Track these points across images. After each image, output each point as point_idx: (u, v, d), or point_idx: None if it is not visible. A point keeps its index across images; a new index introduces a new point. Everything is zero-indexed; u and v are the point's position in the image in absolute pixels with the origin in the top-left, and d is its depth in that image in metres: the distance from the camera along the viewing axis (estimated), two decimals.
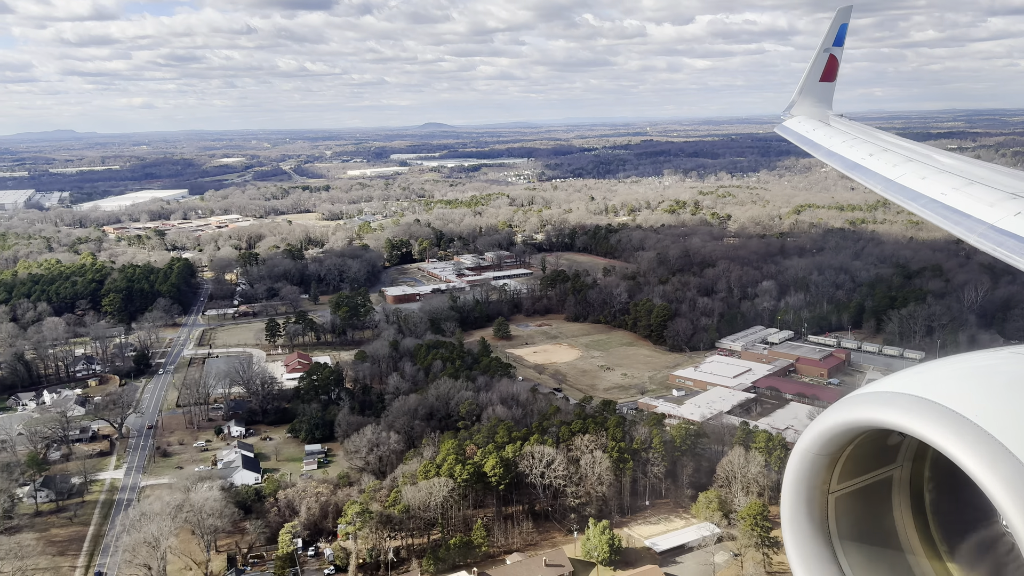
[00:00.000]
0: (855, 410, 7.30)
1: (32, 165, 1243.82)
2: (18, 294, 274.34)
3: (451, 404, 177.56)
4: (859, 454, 8.04)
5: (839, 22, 45.93)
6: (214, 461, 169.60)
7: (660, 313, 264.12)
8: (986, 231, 19.52)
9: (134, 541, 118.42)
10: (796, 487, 8.05)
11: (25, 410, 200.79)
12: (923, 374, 7.37)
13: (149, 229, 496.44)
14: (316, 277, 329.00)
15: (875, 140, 34.05)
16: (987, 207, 20.63)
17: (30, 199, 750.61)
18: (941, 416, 6.67)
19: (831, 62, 47.42)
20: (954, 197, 22.50)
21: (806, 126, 42.50)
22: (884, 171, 28.79)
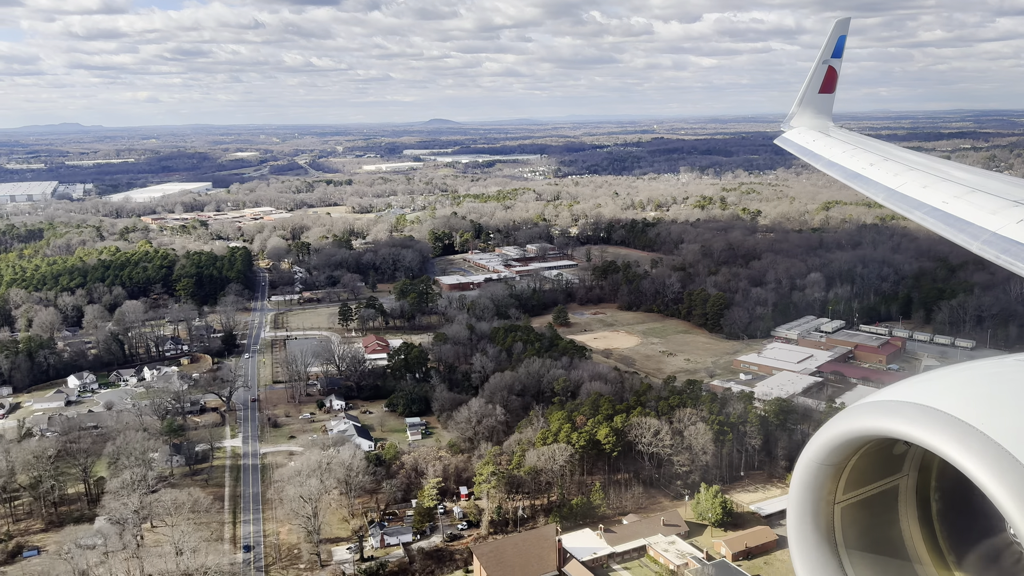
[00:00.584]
0: (860, 420, 7.28)
1: (47, 158, 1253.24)
2: (92, 279, 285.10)
3: (543, 381, 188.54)
4: (865, 464, 8.01)
5: (837, 33, 46.25)
6: (325, 430, 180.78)
7: (716, 302, 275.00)
8: (989, 239, 19.61)
9: (294, 494, 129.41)
10: (802, 497, 8.05)
11: (127, 385, 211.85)
12: (927, 383, 7.38)
13: (192, 219, 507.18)
14: (371, 266, 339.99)
15: (875, 150, 34.15)
16: (989, 215, 20.71)
17: (56, 190, 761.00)
18: (946, 425, 6.62)
19: (830, 74, 47.83)
20: (956, 205, 22.63)
21: (806, 137, 43.13)
22: (885, 180, 28.99)
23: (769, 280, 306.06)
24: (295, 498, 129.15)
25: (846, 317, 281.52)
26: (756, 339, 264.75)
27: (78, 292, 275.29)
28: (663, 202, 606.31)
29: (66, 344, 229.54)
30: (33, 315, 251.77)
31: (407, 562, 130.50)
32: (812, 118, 47.28)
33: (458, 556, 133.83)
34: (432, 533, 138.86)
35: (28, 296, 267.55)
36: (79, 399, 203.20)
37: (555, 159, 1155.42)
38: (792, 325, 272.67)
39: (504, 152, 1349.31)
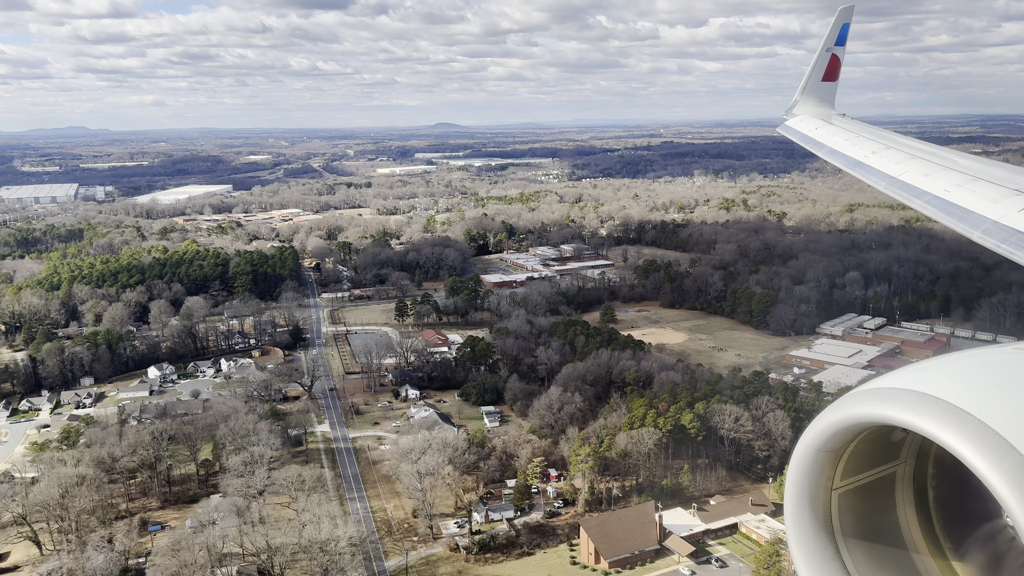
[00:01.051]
0: (859, 406, 7.34)
1: (61, 160, 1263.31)
2: (151, 276, 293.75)
3: (613, 372, 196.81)
4: (862, 450, 8.06)
5: (841, 21, 46.13)
6: (406, 417, 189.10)
7: (761, 300, 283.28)
8: (990, 227, 19.59)
9: (409, 471, 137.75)
10: (799, 483, 8.12)
11: (205, 376, 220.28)
12: (926, 370, 7.44)
13: (227, 220, 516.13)
14: (415, 265, 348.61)
15: (878, 138, 34.32)
16: (991, 203, 20.70)
17: (78, 193, 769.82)
18: (944, 412, 6.71)
19: (833, 62, 47.56)
20: (957, 194, 22.64)
21: (808, 125, 43.13)
22: (887, 168, 28.99)
23: (809, 279, 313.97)
24: (411, 474, 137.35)
25: (886, 314, 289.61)
26: (802, 335, 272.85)
27: (138, 288, 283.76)
28: (685, 204, 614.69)
29: (142, 337, 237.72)
30: (100, 310, 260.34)
31: (513, 536, 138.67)
32: (815, 106, 47.07)
33: (560, 531, 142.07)
34: (531, 510, 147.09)
35: (92, 292, 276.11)
36: (161, 389, 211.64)
37: (567, 162, 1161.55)
38: (836, 322, 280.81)
39: (515, 156, 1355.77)
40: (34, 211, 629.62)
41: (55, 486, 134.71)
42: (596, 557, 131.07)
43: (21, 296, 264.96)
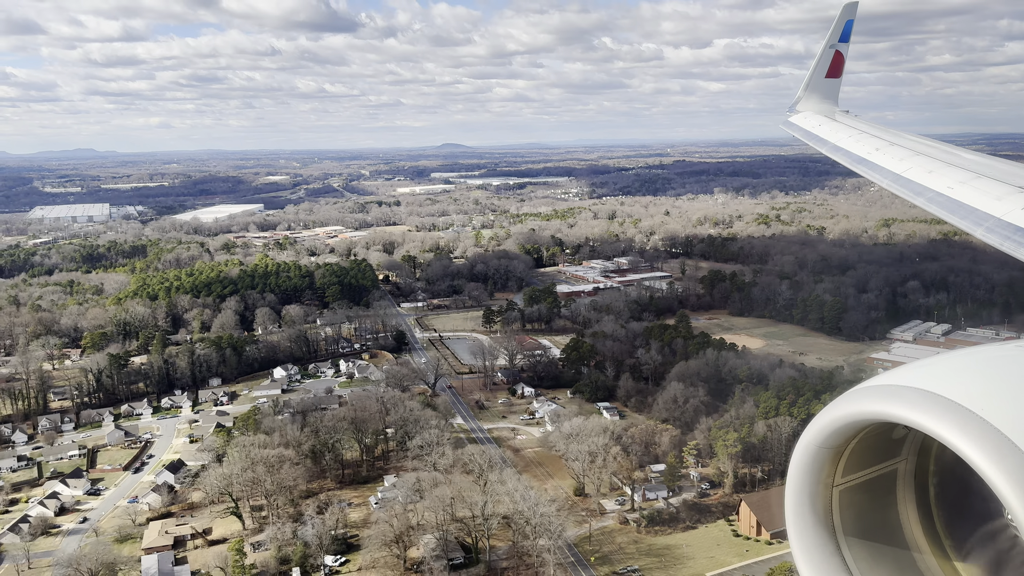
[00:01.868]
0: (860, 403, 7.43)
1: (80, 182, 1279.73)
2: (243, 287, 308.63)
3: (722, 370, 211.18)
4: (864, 447, 8.14)
5: (845, 17, 46.07)
6: (531, 411, 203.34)
7: (832, 307, 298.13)
8: (993, 225, 19.74)
9: (578, 451, 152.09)
10: (800, 480, 8.19)
11: (326, 377, 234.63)
12: (928, 367, 7.51)
13: (286, 237, 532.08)
14: (483, 276, 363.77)
15: (881, 135, 34.33)
16: (995, 200, 20.81)
17: (112, 212, 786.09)
18: (946, 409, 6.75)
19: (837, 58, 47.49)
20: (961, 191, 22.65)
21: (812, 122, 43.24)
22: (891, 165, 29.10)
23: (872, 287, 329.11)
24: (581, 453, 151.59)
25: (949, 321, 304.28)
26: (875, 340, 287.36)
27: (234, 298, 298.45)
28: (720, 220, 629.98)
29: (261, 341, 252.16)
30: (205, 319, 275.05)
31: (673, 512, 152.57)
32: (818, 103, 47.27)
33: (713, 508, 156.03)
34: (682, 491, 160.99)
35: (192, 301, 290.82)
36: (290, 387, 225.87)
37: (584, 181, 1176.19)
38: (904, 328, 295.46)
39: (529, 175, 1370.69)
40: (76, 230, 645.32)
41: (257, 466, 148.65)
42: (758, 529, 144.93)
43: (127, 306, 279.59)
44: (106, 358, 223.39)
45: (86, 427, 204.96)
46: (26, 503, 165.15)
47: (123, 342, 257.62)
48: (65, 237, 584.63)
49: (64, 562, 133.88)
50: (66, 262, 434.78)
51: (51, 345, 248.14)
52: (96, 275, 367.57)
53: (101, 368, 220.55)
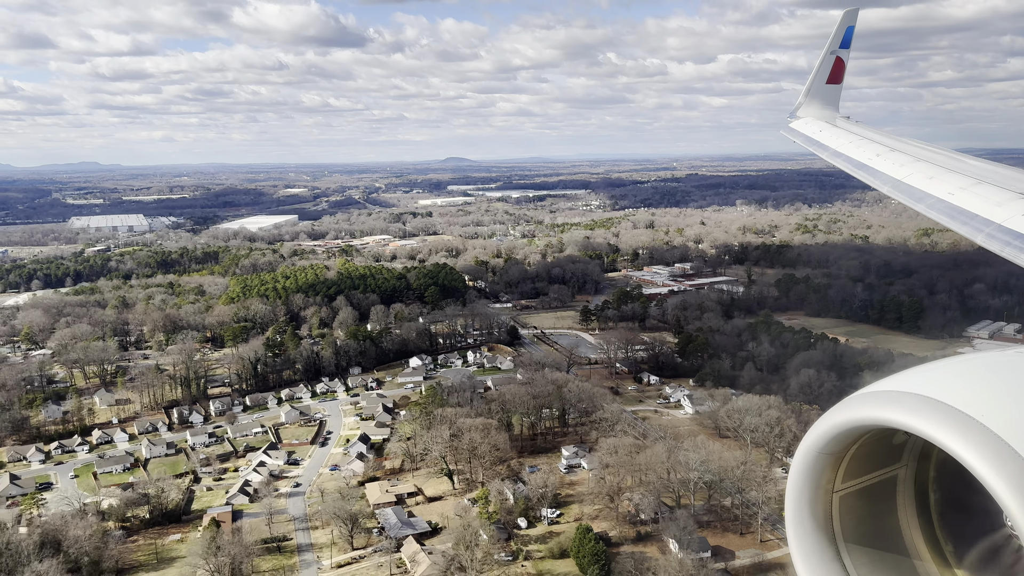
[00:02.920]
0: (860, 409, 7.49)
1: (100, 194, 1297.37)
2: (346, 287, 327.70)
3: (841, 360, 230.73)
4: (864, 453, 8.23)
5: (846, 24, 46.50)
6: (665, 396, 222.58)
7: (910, 307, 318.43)
8: (994, 231, 19.97)
9: (753, 424, 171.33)
10: (800, 485, 8.30)
11: (456, 366, 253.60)
12: (928, 373, 7.59)
13: (345, 244, 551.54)
14: (560, 279, 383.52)
15: (882, 141, 34.73)
16: (995, 206, 21.16)
17: (150, 223, 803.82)
18: (946, 415, 6.80)
19: (838, 64, 48.04)
20: (961, 197, 23.08)
21: (813, 127, 43.55)
22: (891, 171, 29.63)
23: (939, 289, 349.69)
24: (759, 426, 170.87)
25: (1020, 320, 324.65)
26: (953, 338, 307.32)
27: (339, 298, 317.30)
28: (760, 229, 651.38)
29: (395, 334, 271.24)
30: (323, 315, 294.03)
31: None
32: (819, 109, 47.83)
33: None
34: None
35: (305, 300, 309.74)
36: (429, 375, 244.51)
37: (604, 193, 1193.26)
38: (978, 327, 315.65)
39: (545, 187, 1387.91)
40: (126, 238, 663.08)
41: (468, 433, 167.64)
42: None
43: (248, 304, 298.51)
44: (262, 347, 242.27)
45: (253, 409, 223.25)
46: (235, 471, 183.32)
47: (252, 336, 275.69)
48: (118, 245, 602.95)
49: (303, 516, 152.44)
50: (141, 267, 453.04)
51: (192, 338, 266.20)
52: (196, 277, 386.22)
53: (258, 356, 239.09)
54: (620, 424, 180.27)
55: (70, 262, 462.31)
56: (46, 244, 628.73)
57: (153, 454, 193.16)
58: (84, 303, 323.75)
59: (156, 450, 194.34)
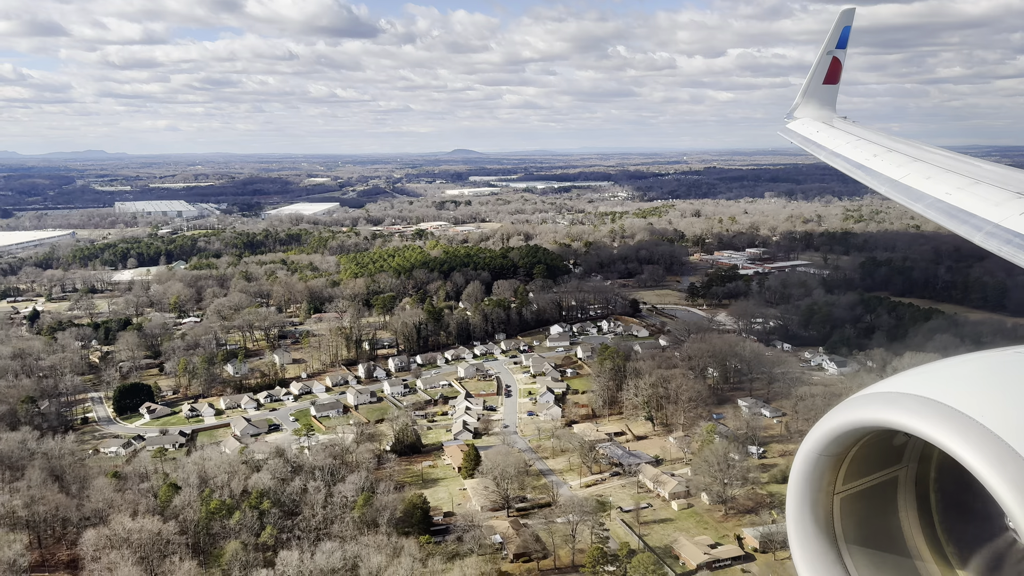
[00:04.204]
0: (860, 411, 7.62)
1: (126, 182, 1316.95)
2: (457, 265, 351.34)
3: (963, 329, 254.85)
4: (864, 455, 8.36)
5: (842, 24, 47.35)
6: (804, 360, 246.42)
7: (995, 287, 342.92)
8: (992, 230, 20.57)
9: None
10: (801, 487, 8.42)
11: (593, 333, 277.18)
12: (928, 374, 7.72)
13: (415, 229, 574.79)
14: (648, 260, 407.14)
15: (879, 141, 35.66)
16: (993, 206, 21.65)
17: (200, 210, 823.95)
18: (946, 416, 6.91)
19: (834, 64, 48.77)
20: (959, 196, 23.57)
21: (810, 128, 44.60)
22: (888, 171, 30.24)
23: (1017, 272, 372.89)
24: None
25: None
26: None
27: (453, 274, 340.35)
28: (808, 218, 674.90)
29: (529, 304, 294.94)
30: (448, 288, 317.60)
31: None
32: (816, 109, 48.42)
33: None
34: None
35: (427, 275, 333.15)
36: (574, 341, 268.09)
37: (628, 186, 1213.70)
38: None
39: (566, 179, 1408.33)
40: (181, 222, 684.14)
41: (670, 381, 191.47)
42: None
43: (377, 278, 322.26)
44: (424, 313, 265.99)
45: (426, 367, 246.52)
46: (443, 415, 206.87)
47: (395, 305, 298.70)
48: (182, 228, 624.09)
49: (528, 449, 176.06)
50: (228, 247, 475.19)
51: (338, 308, 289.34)
52: (307, 256, 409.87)
53: (421, 321, 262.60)
54: (789, 378, 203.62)
55: (160, 242, 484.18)
56: (106, 227, 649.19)
57: (359, 401, 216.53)
58: (207, 277, 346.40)
59: (361, 398, 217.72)
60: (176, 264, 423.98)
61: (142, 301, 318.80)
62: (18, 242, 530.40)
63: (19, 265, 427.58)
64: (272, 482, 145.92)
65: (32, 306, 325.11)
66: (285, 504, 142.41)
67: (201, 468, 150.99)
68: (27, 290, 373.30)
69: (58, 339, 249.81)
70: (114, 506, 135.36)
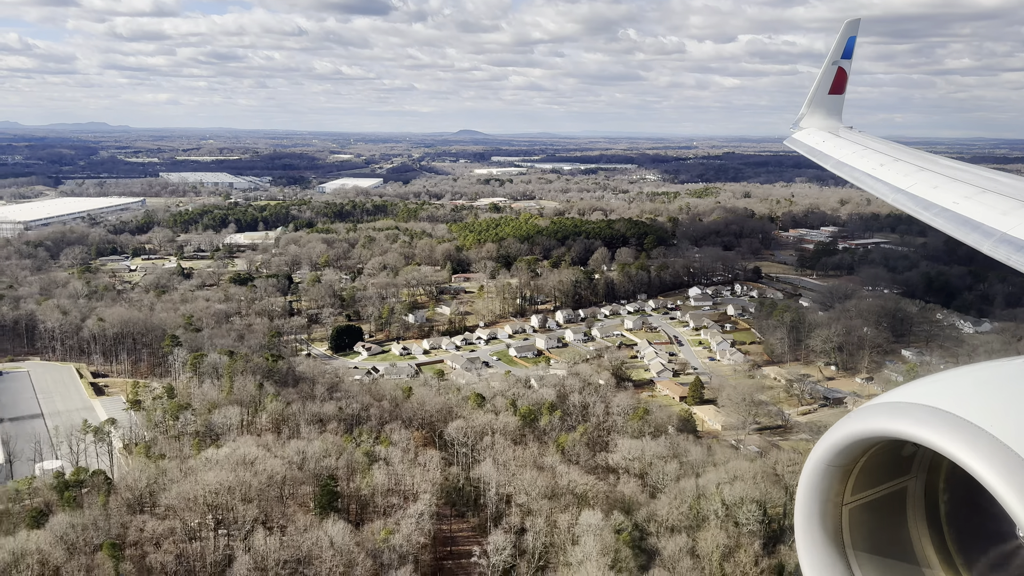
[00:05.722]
0: (868, 421, 7.73)
1: (148, 154, 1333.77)
2: (569, 234, 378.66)
3: None
4: (873, 465, 8.45)
5: (847, 35, 49.62)
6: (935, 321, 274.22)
7: None
8: (1000, 239, 21.09)
9: None
10: (810, 498, 8.52)
11: (731, 296, 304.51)
12: (936, 384, 7.83)
13: (493, 204, 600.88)
14: (740, 234, 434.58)
15: (885, 151, 36.55)
16: (1000, 215, 22.23)
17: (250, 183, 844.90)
18: (954, 426, 7.01)
19: (840, 75, 51.10)
20: (966, 206, 24.12)
21: (816, 138, 46.17)
22: (895, 181, 31.15)
23: None
24: None
25: None
26: None
27: (567, 242, 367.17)
28: (859, 201, 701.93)
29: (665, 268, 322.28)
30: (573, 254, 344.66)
31: None
32: (822, 119, 50.14)
33: None
34: None
35: (549, 242, 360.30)
36: (715, 301, 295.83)
37: (656, 169, 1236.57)
38: None
39: (588, 161, 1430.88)
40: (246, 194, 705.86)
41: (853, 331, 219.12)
42: None
43: (506, 244, 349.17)
44: (579, 272, 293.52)
45: (587, 320, 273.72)
46: (633, 358, 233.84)
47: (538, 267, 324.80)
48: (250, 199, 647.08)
49: None
50: (319, 217, 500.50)
51: (482, 268, 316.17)
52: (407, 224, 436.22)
53: (577, 279, 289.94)
54: (943, 333, 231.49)
55: (255, 210, 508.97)
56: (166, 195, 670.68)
57: (549, 346, 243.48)
58: (335, 240, 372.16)
59: (550, 343, 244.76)
60: (281, 229, 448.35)
61: (283, 260, 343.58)
62: (99, 207, 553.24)
63: (121, 228, 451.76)
64: (555, 397, 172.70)
65: (175, 263, 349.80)
66: (572, 414, 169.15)
67: (487, 385, 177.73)
68: (153, 250, 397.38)
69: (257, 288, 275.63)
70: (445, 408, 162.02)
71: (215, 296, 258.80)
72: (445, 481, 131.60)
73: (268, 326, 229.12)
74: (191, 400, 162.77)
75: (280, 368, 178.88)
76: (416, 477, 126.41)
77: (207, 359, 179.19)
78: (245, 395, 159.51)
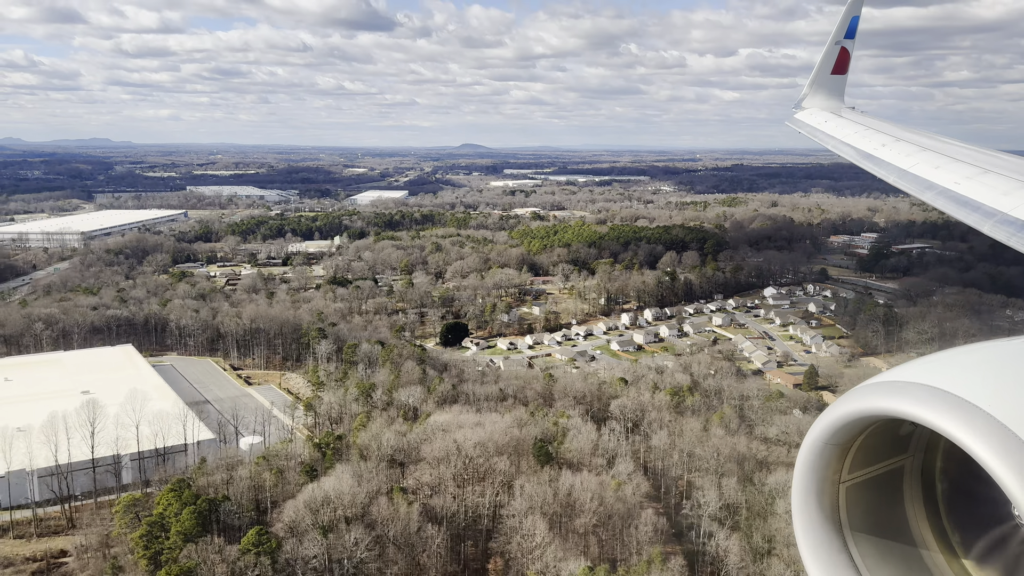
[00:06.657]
0: (866, 399, 7.77)
1: (164, 169, 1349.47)
2: (629, 239, 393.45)
3: None
4: (870, 443, 8.52)
5: (850, 14, 49.02)
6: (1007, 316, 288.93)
7: None
8: (1001, 220, 21.00)
9: None
10: (807, 476, 8.61)
11: (803, 296, 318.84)
12: (935, 363, 7.87)
13: (531, 212, 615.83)
14: (787, 239, 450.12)
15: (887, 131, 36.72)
16: (1001, 195, 22.22)
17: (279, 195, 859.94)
18: (952, 405, 7.08)
19: (842, 55, 50.52)
20: (967, 186, 24.20)
21: (818, 118, 46.22)
22: (897, 161, 31.14)
23: None
24: None
25: None
26: None
27: (630, 246, 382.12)
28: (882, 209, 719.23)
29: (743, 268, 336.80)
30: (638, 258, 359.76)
31: None
32: (824, 100, 50.25)
33: None
34: None
35: (614, 246, 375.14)
36: (794, 300, 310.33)
37: (670, 181, 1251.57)
38: None
39: (601, 173, 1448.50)
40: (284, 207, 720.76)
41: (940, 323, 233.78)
42: None
43: (575, 249, 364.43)
44: (661, 274, 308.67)
45: (674, 318, 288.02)
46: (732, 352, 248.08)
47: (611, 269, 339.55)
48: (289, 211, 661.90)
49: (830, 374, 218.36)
50: (369, 226, 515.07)
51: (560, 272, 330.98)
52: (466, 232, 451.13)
53: (660, 280, 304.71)
54: None
55: (307, 220, 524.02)
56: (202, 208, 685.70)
57: (647, 340, 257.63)
58: (404, 246, 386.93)
59: (648, 338, 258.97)
60: (339, 238, 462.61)
61: (362, 265, 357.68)
62: (148, 219, 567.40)
63: (181, 237, 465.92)
64: (690, 382, 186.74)
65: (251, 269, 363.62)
66: (710, 395, 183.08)
67: (620, 372, 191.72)
68: (225, 257, 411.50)
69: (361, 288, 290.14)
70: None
71: (326, 297, 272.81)
72: (632, 447, 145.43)
73: (388, 322, 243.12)
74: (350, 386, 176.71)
75: (430, 357, 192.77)
76: (610, 443, 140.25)
77: (361, 348, 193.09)
78: (413, 378, 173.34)
